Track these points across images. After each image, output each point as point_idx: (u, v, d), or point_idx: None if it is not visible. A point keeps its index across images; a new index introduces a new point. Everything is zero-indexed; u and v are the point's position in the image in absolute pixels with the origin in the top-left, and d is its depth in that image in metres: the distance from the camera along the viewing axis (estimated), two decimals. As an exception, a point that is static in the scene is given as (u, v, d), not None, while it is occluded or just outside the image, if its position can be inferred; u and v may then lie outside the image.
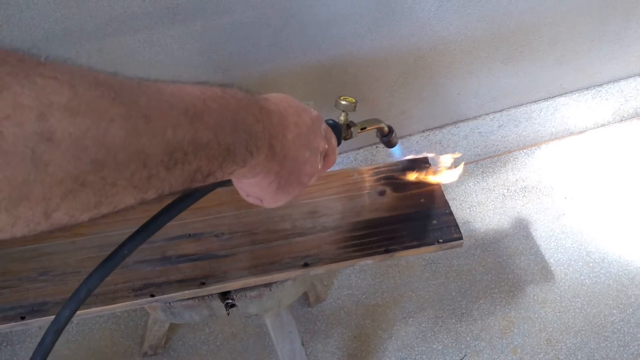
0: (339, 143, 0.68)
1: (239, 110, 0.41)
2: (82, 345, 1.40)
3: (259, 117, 0.44)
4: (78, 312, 0.79)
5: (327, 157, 0.59)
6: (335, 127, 0.68)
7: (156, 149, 0.33)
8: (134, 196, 0.33)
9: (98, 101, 0.29)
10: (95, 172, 0.29)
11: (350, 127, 0.74)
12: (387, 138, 0.91)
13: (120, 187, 0.31)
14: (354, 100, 0.73)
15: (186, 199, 0.50)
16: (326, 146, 0.58)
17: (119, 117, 0.30)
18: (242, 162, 0.42)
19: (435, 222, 0.88)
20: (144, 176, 0.33)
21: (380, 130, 0.88)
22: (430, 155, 1.02)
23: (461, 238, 0.86)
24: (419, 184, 0.94)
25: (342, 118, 0.73)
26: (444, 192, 0.92)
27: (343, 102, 0.73)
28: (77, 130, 0.28)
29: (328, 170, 0.62)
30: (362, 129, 0.78)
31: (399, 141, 0.91)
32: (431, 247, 0.86)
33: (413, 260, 1.57)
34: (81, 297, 0.50)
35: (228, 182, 0.50)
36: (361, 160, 1.61)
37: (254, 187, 0.51)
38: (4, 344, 1.40)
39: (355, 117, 0.75)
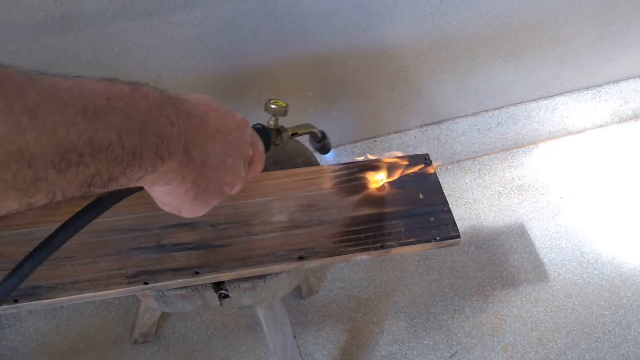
0: (267, 149, 0.64)
1: (149, 110, 0.38)
2: (72, 331, 1.39)
3: (174, 120, 0.41)
4: (70, 297, 0.79)
5: (252, 165, 0.56)
6: (263, 132, 0.64)
7: (44, 149, 0.29)
8: (18, 200, 0.30)
9: None
10: None
11: (280, 132, 0.70)
12: (321, 144, 0.88)
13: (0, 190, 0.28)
14: (284, 104, 0.69)
15: (92, 208, 0.46)
16: (251, 153, 0.54)
17: None
18: (150, 168, 0.39)
19: (433, 219, 0.87)
20: (30, 178, 0.29)
21: (313, 135, 0.85)
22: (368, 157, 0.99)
23: (459, 236, 0.85)
24: (418, 180, 0.93)
25: (271, 122, 0.69)
26: (443, 189, 0.92)
27: (273, 106, 0.68)
28: None
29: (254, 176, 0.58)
30: (293, 134, 0.74)
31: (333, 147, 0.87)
32: (428, 245, 0.85)
33: (407, 255, 1.57)
34: None
35: (139, 189, 0.46)
36: (359, 152, 1.60)
37: (168, 196, 0.47)
38: (-7, 327, 1.40)
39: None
